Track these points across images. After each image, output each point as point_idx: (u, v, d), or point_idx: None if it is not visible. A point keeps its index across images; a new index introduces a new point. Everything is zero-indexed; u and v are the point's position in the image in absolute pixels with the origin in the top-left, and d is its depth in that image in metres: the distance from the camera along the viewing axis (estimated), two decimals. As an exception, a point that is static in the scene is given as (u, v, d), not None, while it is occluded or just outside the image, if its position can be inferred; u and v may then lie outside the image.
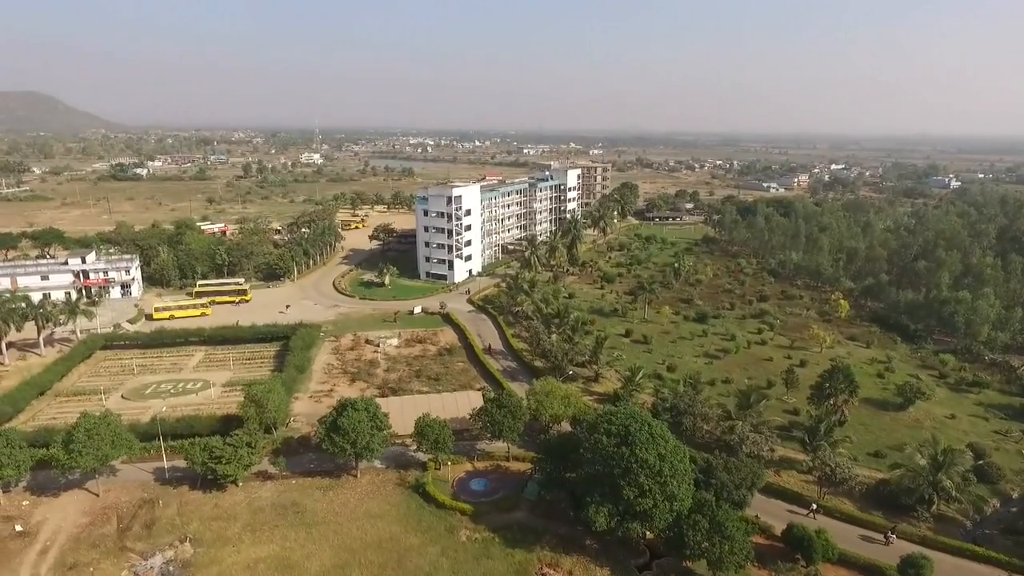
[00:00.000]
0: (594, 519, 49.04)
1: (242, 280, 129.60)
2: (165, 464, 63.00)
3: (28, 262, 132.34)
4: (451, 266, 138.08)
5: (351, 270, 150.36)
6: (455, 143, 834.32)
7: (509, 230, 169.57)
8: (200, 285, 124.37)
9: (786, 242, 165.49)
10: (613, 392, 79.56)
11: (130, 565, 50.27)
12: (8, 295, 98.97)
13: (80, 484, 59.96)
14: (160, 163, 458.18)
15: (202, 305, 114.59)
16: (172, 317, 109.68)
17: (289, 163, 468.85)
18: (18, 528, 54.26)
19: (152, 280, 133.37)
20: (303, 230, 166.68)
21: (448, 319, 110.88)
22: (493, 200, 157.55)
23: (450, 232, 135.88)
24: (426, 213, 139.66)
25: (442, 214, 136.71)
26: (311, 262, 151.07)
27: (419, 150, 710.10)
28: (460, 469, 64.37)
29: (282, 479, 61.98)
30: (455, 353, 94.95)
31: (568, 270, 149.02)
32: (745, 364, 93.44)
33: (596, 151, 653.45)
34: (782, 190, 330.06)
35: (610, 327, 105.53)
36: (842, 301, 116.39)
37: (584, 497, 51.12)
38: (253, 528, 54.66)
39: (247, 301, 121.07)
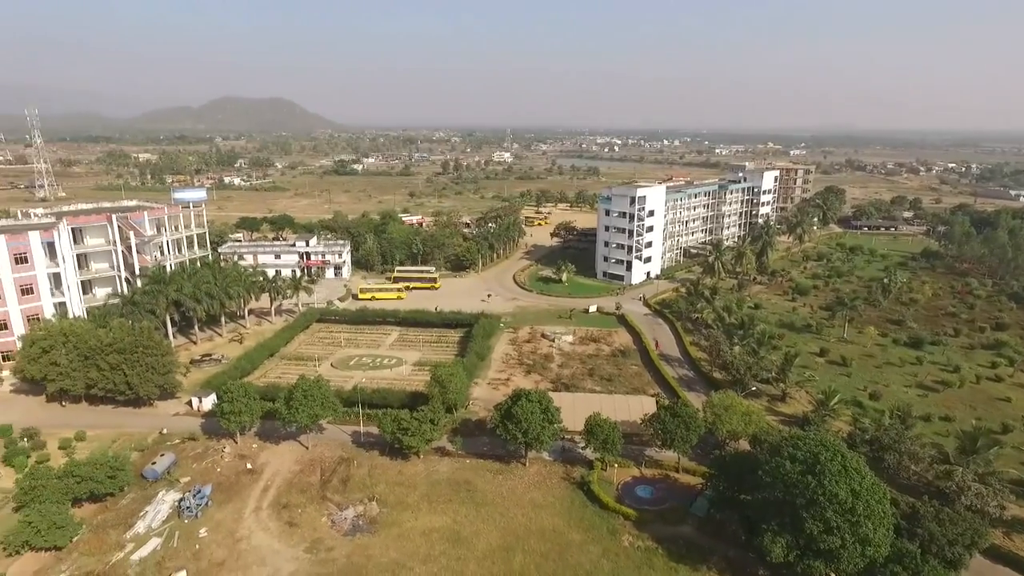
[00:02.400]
0: (769, 548, 45.40)
1: (433, 269, 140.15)
2: (361, 429, 70.53)
3: (265, 243, 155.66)
4: (629, 267, 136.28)
5: (531, 265, 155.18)
6: (642, 143, 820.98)
7: (693, 233, 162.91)
8: (398, 271, 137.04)
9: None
10: (802, 415, 72.95)
11: (328, 513, 57.11)
12: (251, 270, 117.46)
13: (294, 436, 69.34)
14: (373, 160, 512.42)
15: (398, 289, 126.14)
16: (374, 298, 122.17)
17: (482, 161, 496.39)
18: (248, 466, 64.40)
19: (359, 264, 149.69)
20: (490, 225, 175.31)
21: (623, 320, 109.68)
22: (678, 202, 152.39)
23: (631, 232, 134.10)
24: (608, 212, 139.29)
25: (624, 214, 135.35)
26: (495, 255, 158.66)
27: (606, 149, 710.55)
28: (626, 473, 63.47)
29: (457, 457, 66.10)
30: (629, 355, 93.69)
31: (755, 278, 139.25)
32: (972, 402, 79.93)
33: (798, 152, 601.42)
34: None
35: (801, 344, 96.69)
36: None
37: (759, 523, 47.54)
38: (430, 499, 59.04)
39: (436, 288, 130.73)
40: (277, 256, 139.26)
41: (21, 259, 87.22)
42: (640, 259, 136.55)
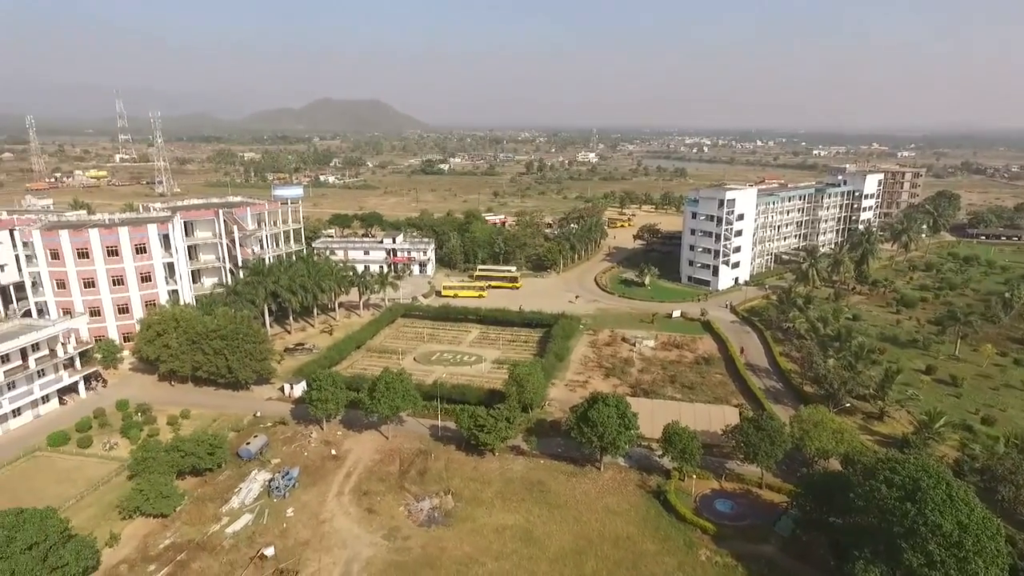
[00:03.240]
0: (861, 577, 42.50)
1: (514, 268, 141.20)
2: (439, 423, 72.15)
3: (355, 239, 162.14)
4: (716, 272, 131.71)
5: (613, 267, 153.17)
6: (734, 143, 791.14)
7: (786, 239, 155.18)
8: (480, 269, 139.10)
9: None
10: (901, 436, 67.93)
11: (405, 503, 58.82)
12: (342, 264, 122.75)
13: (376, 426, 71.88)
14: (459, 160, 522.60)
15: (480, 288, 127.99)
16: (456, 296, 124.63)
17: (566, 161, 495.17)
18: (333, 452, 67.40)
19: (442, 261, 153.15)
20: (572, 225, 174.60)
21: (708, 327, 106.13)
22: (770, 205, 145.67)
23: (718, 236, 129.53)
24: (694, 215, 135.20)
25: (712, 217, 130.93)
26: (576, 256, 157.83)
27: (694, 150, 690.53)
28: (705, 485, 61.39)
29: (532, 457, 66.27)
30: (713, 363, 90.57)
31: (854, 288, 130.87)
32: (1105, 433, 71.44)
33: (906, 153, 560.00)
34: None
35: (905, 360, 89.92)
36: None
37: (850, 549, 44.61)
38: (503, 496, 59.54)
39: (517, 288, 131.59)
40: (366, 252, 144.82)
41: (141, 249, 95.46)
42: (727, 264, 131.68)
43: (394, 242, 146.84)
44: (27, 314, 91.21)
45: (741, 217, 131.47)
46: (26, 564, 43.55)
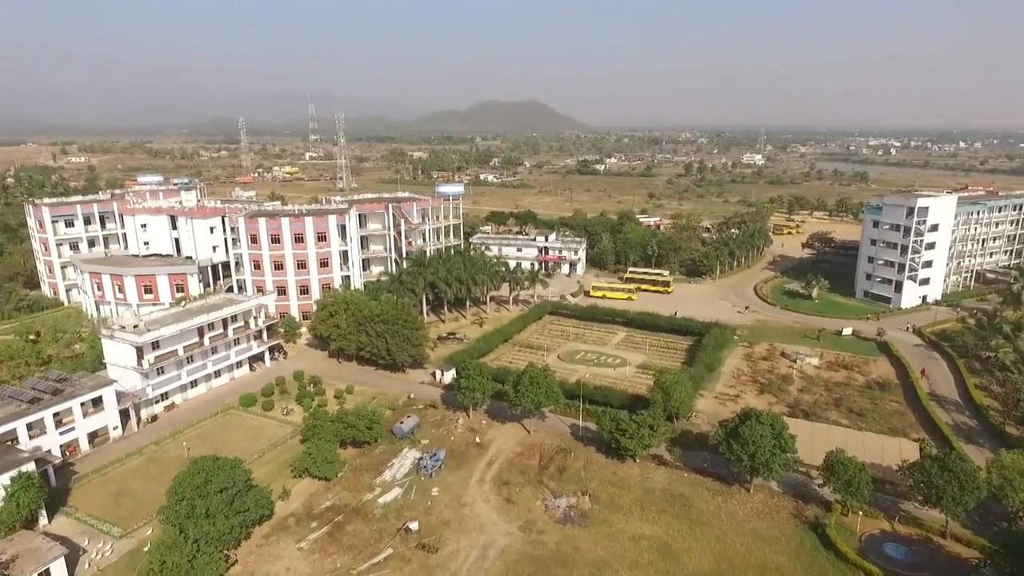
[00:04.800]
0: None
1: (666, 272, 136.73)
2: (580, 422, 71.91)
3: (509, 236, 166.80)
4: (899, 288, 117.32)
5: (775, 277, 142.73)
6: (928, 144, 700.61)
7: (992, 254, 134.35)
8: (630, 272, 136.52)
9: None
10: None
11: (543, 498, 59.37)
12: (495, 260, 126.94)
13: (518, 419, 73.34)
14: (615, 160, 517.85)
15: (629, 290, 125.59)
16: (604, 297, 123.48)
17: (729, 163, 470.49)
18: (477, 440, 69.95)
19: (593, 262, 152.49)
20: (732, 230, 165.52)
21: (886, 349, 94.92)
22: (973, 215, 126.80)
23: (905, 249, 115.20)
24: (876, 224, 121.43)
25: (898, 227, 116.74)
26: (735, 263, 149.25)
27: (879, 152, 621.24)
28: (873, 524, 54.88)
29: (674, 468, 63.70)
30: (888, 390, 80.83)
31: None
32: None
33: None
34: None
35: None
36: None
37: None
38: (642, 505, 57.86)
39: (668, 292, 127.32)
40: (519, 249, 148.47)
41: (321, 237, 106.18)
42: (914, 280, 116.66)
43: (546, 240, 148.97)
44: (229, 290, 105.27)
45: (935, 228, 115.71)
46: (217, 504, 50.38)
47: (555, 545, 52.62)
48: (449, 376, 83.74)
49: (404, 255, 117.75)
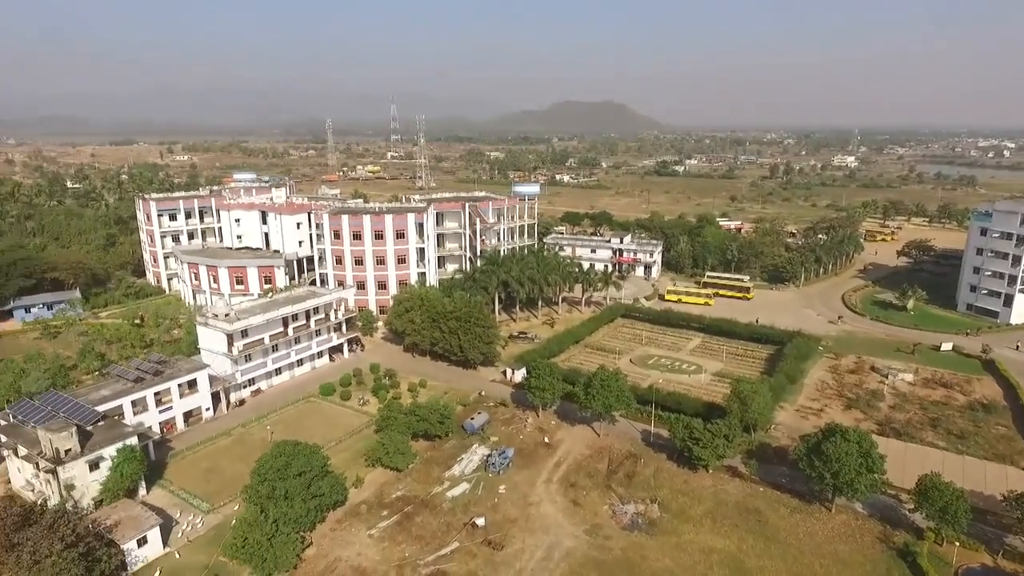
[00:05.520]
0: None
1: (746, 277, 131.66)
2: (652, 428, 70.40)
3: (584, 237, 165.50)
4: (1008, 302, 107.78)
5: (866, 286, 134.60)
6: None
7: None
8: (708, 276, 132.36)
9: None
10: None
11: (610, 503, 58.54)
12: (569, 260, 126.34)
13: (588, 422, 72.62)
14: (695, 161, 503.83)
15: (706, 295, 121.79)
16: (680, 301, 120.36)
17: (818, 165, 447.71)
18: (545, 440, 69.87)
19: (668, 265, 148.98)
20: (819, 236, 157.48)
21: (992, 367, 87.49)
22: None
23: (1017, 259, 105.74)
24: (984, 232, 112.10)
25: (1010, 235, 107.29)
26: (821, 270, 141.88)
27: (990, 154, 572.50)
28: (971, 557, 50.66)
29: (750, 482, 61.25)
30: (994, 412, 74.41)
31: None
32: None
33: None
34: None
35: None
36: None
37: None
38: (714, 517, 55.97)
39: (748, 299, 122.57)
40: (592, 250, 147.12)
41: (400, 235, 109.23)
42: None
43: (621, 242, 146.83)
44: (312, 283, 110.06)
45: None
46: (296, 487, 52.78)
47: (621, 552, 51.76)
48: (519, 375, 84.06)
49: (478, 254, 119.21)
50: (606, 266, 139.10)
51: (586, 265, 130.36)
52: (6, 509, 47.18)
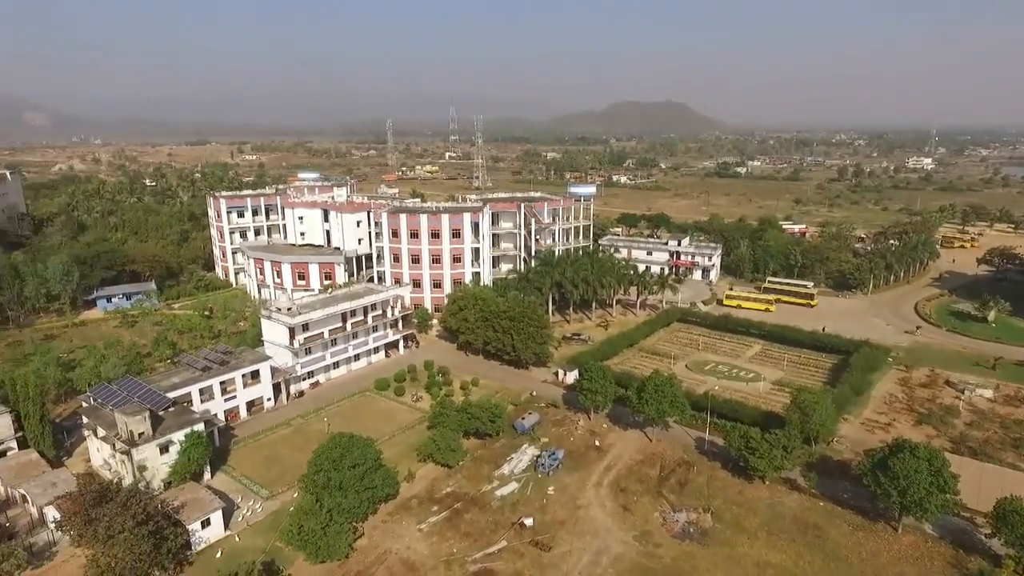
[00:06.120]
0: None
1: (810, 284, 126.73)
2: (706, 436, 68.71)
3: (640, 239, 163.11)
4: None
5: (941, 295, 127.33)
6: None
7: None
8: (770, 281, 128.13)
9: None
10: None
11: (661, 510, 57.47)
12: (624, 262, 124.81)
13: (640, 427, 71.49)
14: (758, 163, 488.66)
15: (767, 301, 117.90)
16: (739, 306, 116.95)
17: (891, 167, 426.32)
18: (596, 443, 69.22)
19: (727, 269, 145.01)
20: (891, 241, 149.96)
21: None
22: None
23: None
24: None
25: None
26: (892, 278, 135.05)
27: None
28: (1055, 589, 47.21)
29: (809, 496, 58.95)
30: (1084, 434, 69.12)
31: None
32: None
33: None
34: None
35: None
36: None
37: None
38: (770, 530, 54.14)
39: (812, 306, 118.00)
40: (649, 253, 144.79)
41: (456, 234, 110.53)
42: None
43: (679, 245, 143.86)
44: (370, 280, 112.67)
45: None
46: (350, 479, 54.17)
47: (671, 560, 50.74)
48: (572, 377, 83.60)
49: (533, 254, 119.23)
50: (662, 269, 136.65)
51: (642, 267, 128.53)
52: (87, 486, 50.54)
